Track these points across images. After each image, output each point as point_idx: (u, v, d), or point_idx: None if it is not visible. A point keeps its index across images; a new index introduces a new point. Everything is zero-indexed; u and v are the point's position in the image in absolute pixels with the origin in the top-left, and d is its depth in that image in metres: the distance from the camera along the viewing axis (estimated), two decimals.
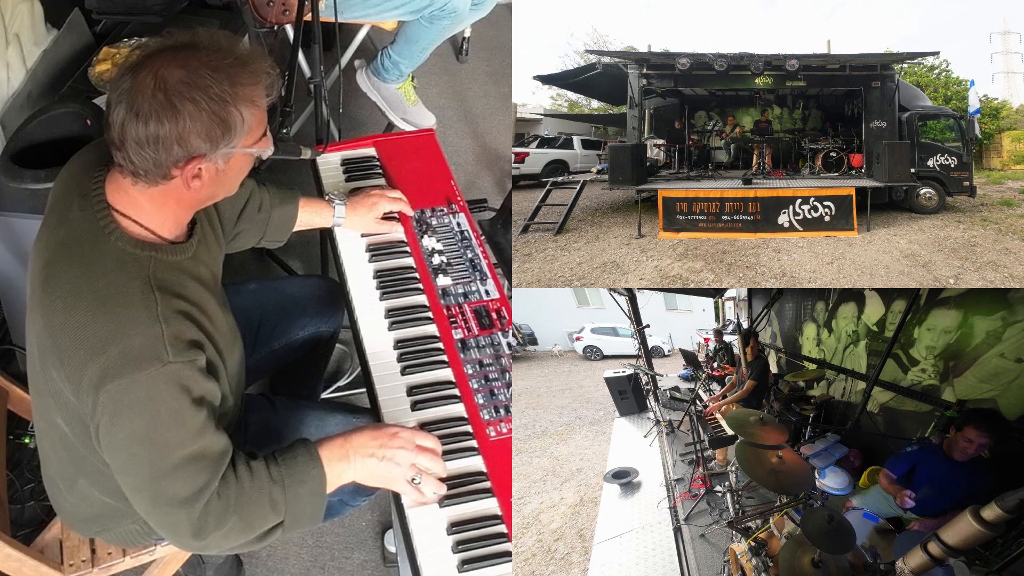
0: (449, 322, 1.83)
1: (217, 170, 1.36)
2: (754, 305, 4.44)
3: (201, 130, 1.28)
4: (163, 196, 1.37)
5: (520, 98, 5.92)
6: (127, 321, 1.28)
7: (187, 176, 1.33)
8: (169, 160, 1.29)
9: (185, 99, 1.26)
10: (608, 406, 5.14)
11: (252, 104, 1.35)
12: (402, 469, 1.48)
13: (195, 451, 1.32)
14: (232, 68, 1.31)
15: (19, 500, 2.29)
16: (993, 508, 1.35)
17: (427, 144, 2.31)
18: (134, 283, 1.32)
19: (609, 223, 3.73)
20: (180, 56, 1.29)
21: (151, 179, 1.32)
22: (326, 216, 1.99)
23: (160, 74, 1.26)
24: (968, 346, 2.08)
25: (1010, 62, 6.26)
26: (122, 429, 1.29)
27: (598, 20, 6.16)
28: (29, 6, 2.55)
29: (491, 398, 1.70)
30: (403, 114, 3.39)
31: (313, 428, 1.81)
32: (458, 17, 3.13)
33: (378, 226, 2.02)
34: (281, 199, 1.92)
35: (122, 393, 1.27)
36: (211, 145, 1.31)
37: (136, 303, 1.30)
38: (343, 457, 1.47)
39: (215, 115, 1.29)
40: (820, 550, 1.64)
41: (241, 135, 1.34)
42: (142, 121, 1.26)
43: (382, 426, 1.57)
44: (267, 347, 2.05)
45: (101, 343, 1.27)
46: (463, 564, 1.43)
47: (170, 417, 1.30)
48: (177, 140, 1.28)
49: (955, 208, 3.78)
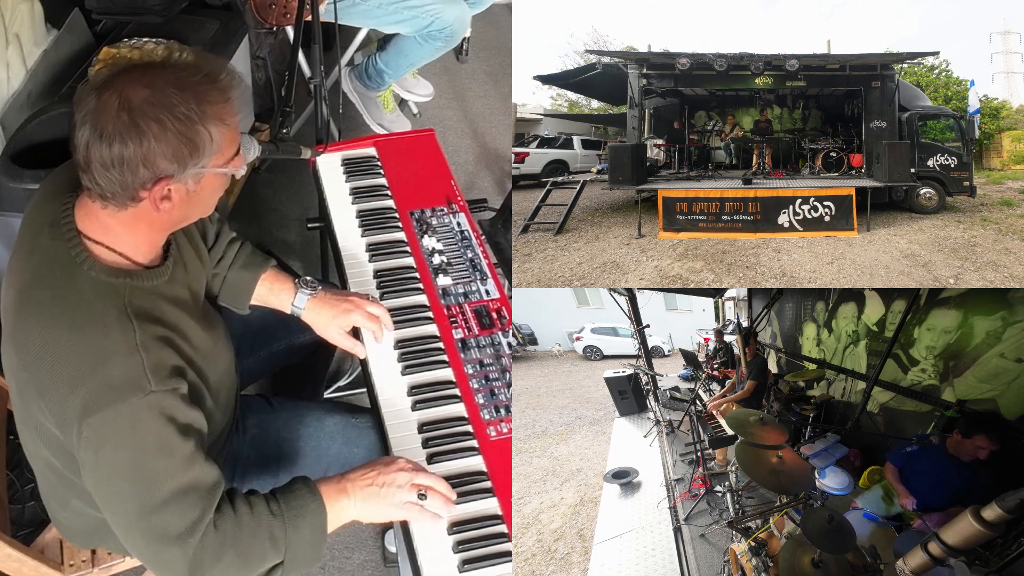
0: (449, 322, 1.83)
1: (188, 191, 1.32)
2: (754, 305, 4.44)
3: (167, 151, 1.25)
4: (134, 219, 1.33)
5: (520, 98, 5.93)
6: (105, 351, 1.25)
7: (155, 198, 1.29)
8: (136, 182, 1.26)
9: (150, 119, 1.23)
10: (608, 406, 5.14)
11: (221, 122, 1.30)
12: (403, 491, 1.45)
13: (185, 483, 1.28)
14: (200, 86, 1.28)
15: (19, 500, 2.29)
16: (993, 508, 1.35)
17: (427, 144, 2.31)
18: (110, 312, 1.28)
19: (609, 223, 3.73)
20: (146, 75, 1.25)
21: (119, 202, 1.29)
22: (284, 300, 1.81)
23: (124, 94, 1.23)
24: (968, 346, 2.08)
25: (1010, 62, 6.26)
26: (107, 463, 1.26)
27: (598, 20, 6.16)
28: (29, 6, 2.55)
29: (491, 398, 1.70)
30: (379, 119, 3.45)
31: (312, 428, 1.79)
32: (452, 40, 3.20)
33: (340, 337, 1.79)
34: (244, 263, 1.79)
35: (105, 425, 1.23)
36: (179, 166, 1.27)
37: (114, 332, 1.27)
38: (342, 491, 1.43)
39: (182, 135, 1.25)
40: (820, 550, 1.64)
41: (210, 155, 1.30)
42: (106, 143, 1.22)
43: (376, 459, 1.52)
44: (266, 350, 2.02)
45: (80, 375, 1.24)
46: (463, 564, 1.43)
47: (156, 448, 1.26)
48: (143, 161, 1.24)
49: (955, 208, 3.78)
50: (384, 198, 2.15)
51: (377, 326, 1.79)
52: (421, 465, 1.51)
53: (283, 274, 1.84)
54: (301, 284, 1.81)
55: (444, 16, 3.10)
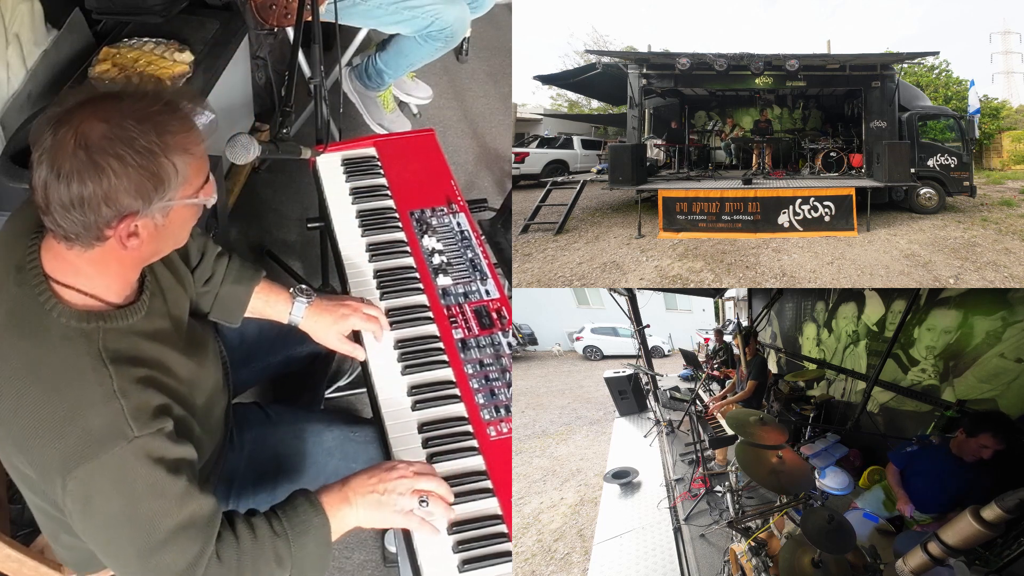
0: (449, 322, 1.83)
1: (156, 225, 1.26)
2: (754, 305, 4.44)
3: (130, 187, 1.18)
4: (102, 258, 1.27)
5: (520, 98, 5.92)
6: (82, 403, 1.20)
7: (122, 236, 1.23)
8: (99, 221, 1.19)
9: (108, 155, 1.16)
10: (608, 406, 5.14)
11: (186, 152, 1.24)
12: (406, 499, 1.43)
13: (182, 520, 1.25)
14: (160, 116, 1.22)
15: (19, 500, 2.27)
16: (993, 508, 1.35)
17: (427, 144, 2.31)
18: (83, 360, 1.23)
19: (609, 223, 3.73)
20: (102, 108, 1.19)
21: (85, 242, 1.22)
22: (280, 310, 1.78)
23: (80, 129, 1.16)
24: (968, 346, 2.08)
25: (1010, 62, 6.25)
26: (98, 514, 1.23)
27: (598, 20, 6.15)
28: (29, 6, 2.55)
29: (491, 398, 1.70)
30: (379, 119, 3.45)
31: (310, 444, 1.76)
32: (452, 41, 3.20)
33: (340, 343, 1.78)
34: (236, 278, 1.74)
35: (90, 477, 1.20)
36: (144, 201, 1.21)
37: (89, 381, 1.22)
38: (343, 500, 1.42)
39: (144, 169, 1.19)
40: (820, 550, 1.64)
41: (177, 187, 1.24)
42: (64, 182, 1.16)
43: (377, 464, 1.51)
44: (263, 361, 1.99)
45: (58, 429, 1.19)
46: (463, 564, 1.43)
47: (147, 492, 1.22)
48: (104, 200, 1.17)
49: (955, 208, 3.78)
50: (384, 198, 2.15)
51: (377, 327, 1.78)
52: (422, 466, 1.50)
53: (276, 285, 1.81)
54: (296, 293, 1.78)
55: (444, 16, 3.10)
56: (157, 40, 2.74)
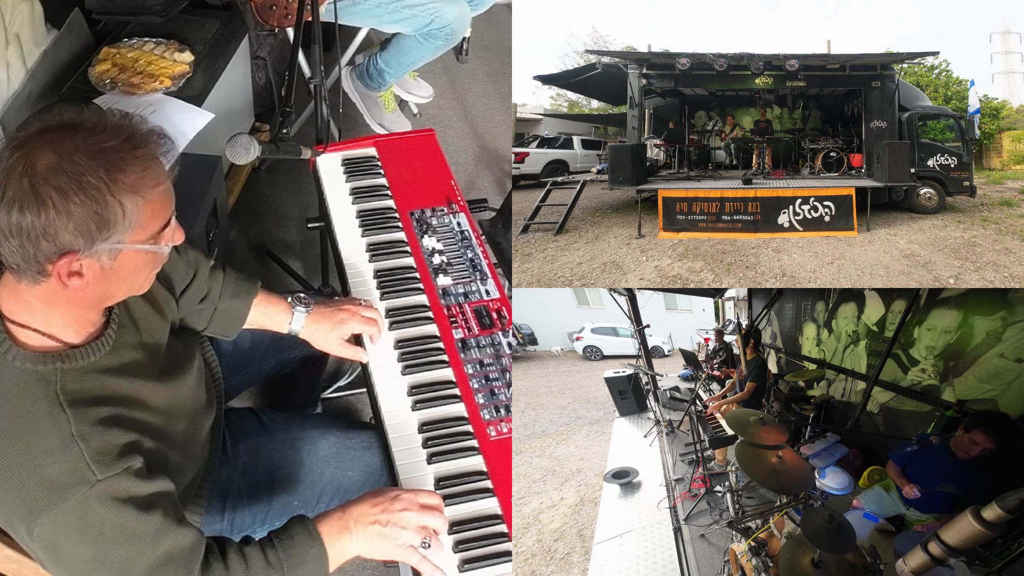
0: (449, 322, 1.83)
1: (103, 268, 1.20)
2: (754, 305, 4.44)
3: (69, 224, 1.13)
4: (51, 297, 1.22)
5: (520, 98, 5.92)
6: (37, 451, 1.17)
7: (61, 273, 1.17)
8: (39, 255, 1.14)
9: (51, 187, 1.11)
10: (608, 406, 5.14)
11: (136, 195, 1.17)
12: (409, 533, 1.38)
13: (158, 557, 1.20)
14: (115, 153, 1.16)
15: None
16: (994, 508, 1.35)
17: (427, 144, 2.31)
18: (39, 406, 1.19)
19: (609, 223, 3.73)
20: (57, 138, 1.14)
21: (29, 276, 1.18)
22: (280, 321, 1.76)
23: (31, 158, 1.12)
24: (968, 346, 2.08)
25: (1010, 62, 6.25)
26: (68, 560, 1.19)
27: (598, 20, 6.15)
28: (29, 6, 2.55)
29: (491, 398, 1.70)
30: (380, 119, 3.46)
31: (305, 453, 1.73)
32: (453, 39, 3.20)
33: (340, 348, 1.77)
34: (233, 292, 1.72)
35: (55, 525, 1.16)
36: (85, 241, 1.15)
37: (45, 429, 1.18)
38: (343, 529, 1.37)
39: (86, 207, 1.13)
40: (820, 550, 1.64)
41: (125, 230, 1.18)
42: (5, 208, 1.12)
43: (380, 491, 1.44)
44: (255, 367, 1.97)
45: (17, 478, 1.16)
46: (463, 564, 1.43)
47: (116, 535, 1.18)
48: (42, 233, 1.12)
49: (955, 208, 3.79)
50: (384, 198, 2.15)
51: (375, 329, 1.78)
52: (427, 496, 1.45)
53: (273, 295, 1.79)
54: (294, 302, 1.77)
55: (444, 15, 3.10)
56: (157, 40, 2.75)
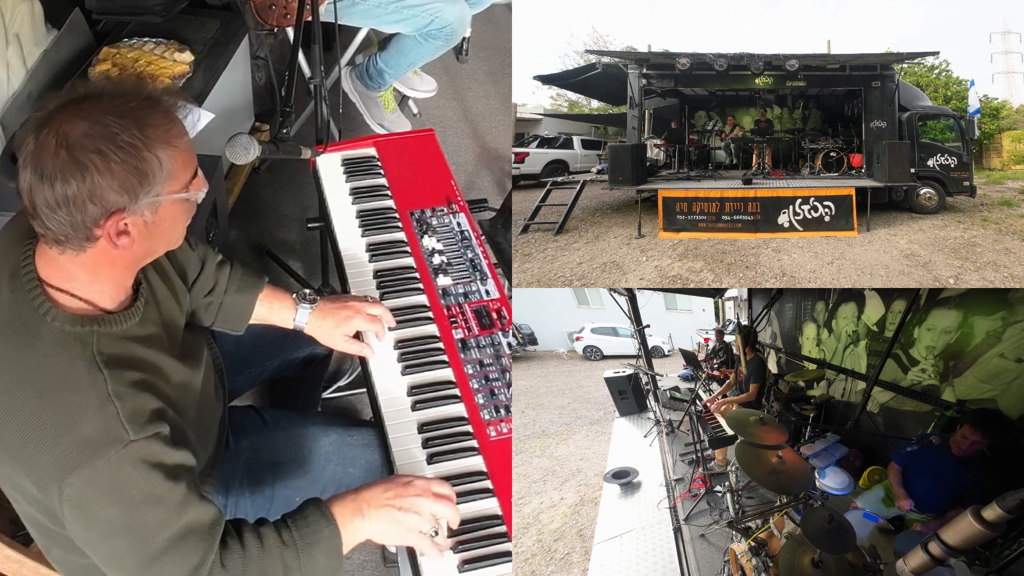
0: (449, 322, 1.83)
1: (146, 223, 1.25)
2: (754, 305, 4.44)
3: (114, 183, 1.18)
4: (95, 262, 1.26)
5: (520, 98, 5.93)
6: (75, 408, 1.19)
7: (111, 234, 1.22)
8: (87, 220, 1.19)
9: (90, 152, 1.16)
10: (608, 406, 5.14)
11: (169, 145, 1.23)
12: (422, 520, 1.40)
13: (182, 528, 1.23)
14: (141, 110, 1.21)
15: None
16: (994, 508, 1.35)
17: (427, 144, 2.31)
18: (78, 364, 1.22)
19: (609, 223, 3.73)
20: (82, 107, 1.18)
21: (76, 245, 1.22)
22: (285, 316, 1.78)
23: (61, 130, 1.16)
24: (968, 346, 2.08)
25: (1010, 62, 6.25)
26: (96, 522, 1.21)
27: (598, 20, 6.16)
28: (29, 6, 2.55)
29: (491, 398, 1.70)
30: (380, 119, 3.46)
31: (306, 451, 1.74)
32: (453, 39, 3.21)
33: (346, 344, 1.77)
34: (239, 286, 1.74)
35: (86, 484, 1.18)
36: (130, 197, 1.20)
37: (83, 387, 1.20)
38: (356, 512, 1.39)
39: (127, 164, 1.18)
40: (820, 550, 1.64)
41: (163, 181, 1.23)
42: (47, 183, 1.16)
43: (393, 477, 1.48)
44: (259, 366, 1.99)
45: (52, 436, 1.18)
46: (463, 564, 1.43)
47: (145, 499, 1.20)
48: (89, 198, 1.17)
49: (955, 208, 3.79)
50: (384, 198, 2.15)
51: (380, 327, 1.78)
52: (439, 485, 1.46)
53: (279, 291, 1.81)
54: (299, 298, 1.78)
55: (444, 15, 3.10)
56: (157, 40, 2.75)
